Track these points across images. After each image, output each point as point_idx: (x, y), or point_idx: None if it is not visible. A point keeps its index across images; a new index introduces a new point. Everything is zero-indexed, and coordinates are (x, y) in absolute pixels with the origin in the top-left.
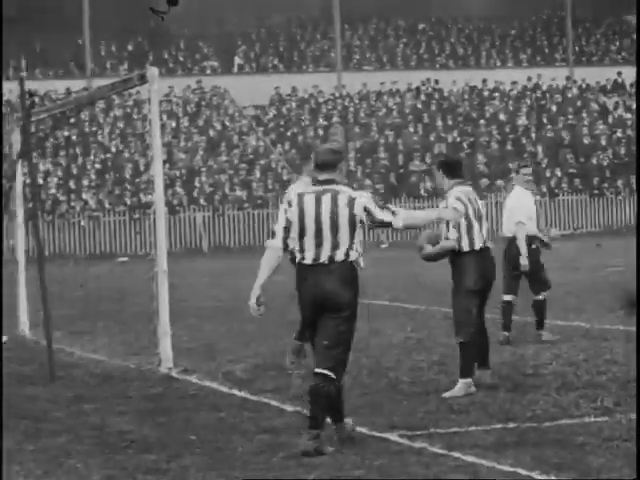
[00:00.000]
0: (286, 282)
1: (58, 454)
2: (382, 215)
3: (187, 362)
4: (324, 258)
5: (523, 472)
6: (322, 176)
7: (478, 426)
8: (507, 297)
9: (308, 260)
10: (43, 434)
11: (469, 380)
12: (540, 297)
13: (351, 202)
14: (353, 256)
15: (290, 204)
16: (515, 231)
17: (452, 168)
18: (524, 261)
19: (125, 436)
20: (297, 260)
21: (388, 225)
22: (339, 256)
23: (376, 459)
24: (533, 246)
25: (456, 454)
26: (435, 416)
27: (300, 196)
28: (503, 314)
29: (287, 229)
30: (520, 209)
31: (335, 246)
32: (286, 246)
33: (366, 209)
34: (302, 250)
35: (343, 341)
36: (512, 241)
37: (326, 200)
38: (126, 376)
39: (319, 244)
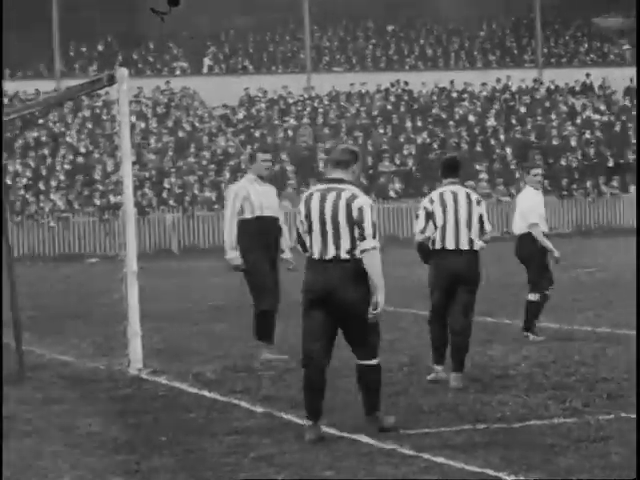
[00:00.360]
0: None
1: (27, 455)
2: (369, 227)
3: (157, 363)
4: (329, 255)
5: (492, 473)
6: (332, 174)
7: (448, 427)
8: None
9: (316, 255)
10: (12, 435)
11: (435, 367)
12: (532, 297)
13: (351, 200)
14: (358, 254)
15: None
16: (533, 233)
17: (444, 168)
18: (557, 254)
19: (94, 437)
20: (307, 254)
21: (362, 236)
22: (343, 254)
23: (345, 460)
24: (540, 245)
25: (426, 455)
26: (405, 417)
27: (309, 194)
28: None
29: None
30: (533, 210)
31: (338, 244)
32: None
33: (360, 209)
34: (310, 245)
35: (373, 332)
36: (521, 239)
37: (330, 198)
38: (96, 377)
39: (324, 241)
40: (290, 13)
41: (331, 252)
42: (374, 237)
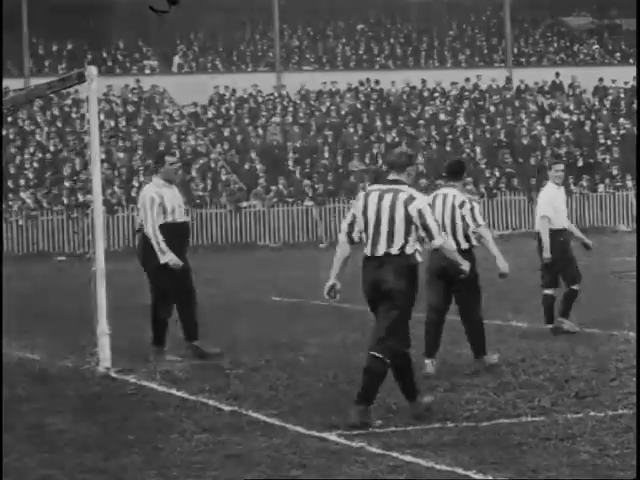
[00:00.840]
0: (232, 280)
1: None
2: (431, 224)
3: (125, 361)
4: (380, 252)
5: (461, 471)
6: (390, 176)
7: (416, 426)
8: (547, 291)
9: (367, 252)
10: None
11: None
12: (575, 287)
13: (408, 202)
14: (409, 251)
15: (357, 199)
16: (540, 226)
17: (447, 171)
18: (546, 254)
19: (63, 435)
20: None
21: (430, 236)
22: (394, 250)
23: (314, 458)
24: (561, 239)
25: (394, 454)
26: (373, 415)
27: (367, 192)
28: (544, 307)
29: (351, 224)
30: (546, 203)
31: (391, 241)
32: (351, 240)
33: (419, 212)
34: (365, 242)
35: (394, 326)
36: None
37: (387, 198)
38: (64, 375)
39: (377, 238)
40: (260, 12)
41: (382, 249)
42: (440, 233)
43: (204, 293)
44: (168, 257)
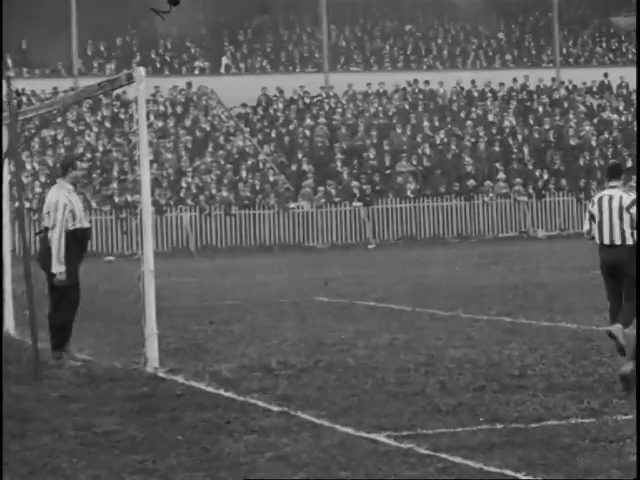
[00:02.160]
0: (281, 281)
1: (43, 454)
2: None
3: (173, 362)
4: (607, 241)
5: (510, 473)
6: (611, 182)
7: (465, 427)
8: None
9: (603, 241)
10: (28, 434)
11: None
12: None
13: (621, 200)
14: (629, 241)
15: (592, 202)
16: None
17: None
18: None
19: (111, 436)
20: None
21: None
22: (617, 240)
23: (363, 460)
24: None
25: (443, 455)
26: (422, 417)
27: (600, 197)
28: None
29: (589, 221)
30: None
31: (613, 232)
32: (588, 232)
33: (630, 204)
34: (599, 234)
35: (629, 296)
36: None
37: (609, 199)
38: (112, 376)
39: (602, 230)
40: (307, 13)
41: (607, 238)
42: None
43: (252, 294)
44: (61, 269)
